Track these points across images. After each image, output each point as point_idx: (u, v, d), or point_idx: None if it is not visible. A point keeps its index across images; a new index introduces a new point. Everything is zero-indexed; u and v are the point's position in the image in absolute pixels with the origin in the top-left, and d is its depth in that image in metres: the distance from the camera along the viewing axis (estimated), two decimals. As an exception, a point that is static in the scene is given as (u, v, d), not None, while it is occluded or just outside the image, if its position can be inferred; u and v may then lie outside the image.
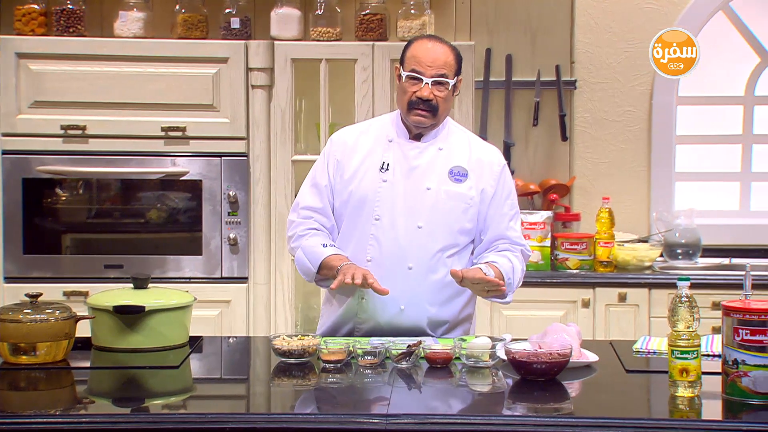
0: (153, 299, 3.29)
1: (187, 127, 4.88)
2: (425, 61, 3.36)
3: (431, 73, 3.35)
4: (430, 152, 3.45)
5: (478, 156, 3.49)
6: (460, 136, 3.53)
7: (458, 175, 3.44)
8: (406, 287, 3.38)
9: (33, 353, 3.07)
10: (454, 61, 3.40)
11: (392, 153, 3.45)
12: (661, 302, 4.83)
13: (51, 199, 4.96)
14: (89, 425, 2.58)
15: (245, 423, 2.60)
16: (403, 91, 3.40)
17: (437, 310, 3.43)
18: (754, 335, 2.63)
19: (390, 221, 3.40)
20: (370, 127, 3.56)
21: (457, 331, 3.49)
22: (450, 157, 3.45)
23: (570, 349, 2.93)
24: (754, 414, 2.60)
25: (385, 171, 3.43)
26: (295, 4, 5.06)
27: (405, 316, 3.40)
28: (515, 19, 5.40)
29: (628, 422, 2.55)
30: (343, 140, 3.52)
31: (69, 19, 4.97)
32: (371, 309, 3.42)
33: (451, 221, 3.41)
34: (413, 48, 3.40)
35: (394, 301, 3.38)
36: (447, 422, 2.58)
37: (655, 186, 5.42)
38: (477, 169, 3.47)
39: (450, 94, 3.41)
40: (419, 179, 3.42)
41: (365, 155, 3.47)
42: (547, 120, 5.39)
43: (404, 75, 3.39)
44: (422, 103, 3.36)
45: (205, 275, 4.92)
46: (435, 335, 3.42)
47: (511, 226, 3.49)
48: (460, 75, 3.44)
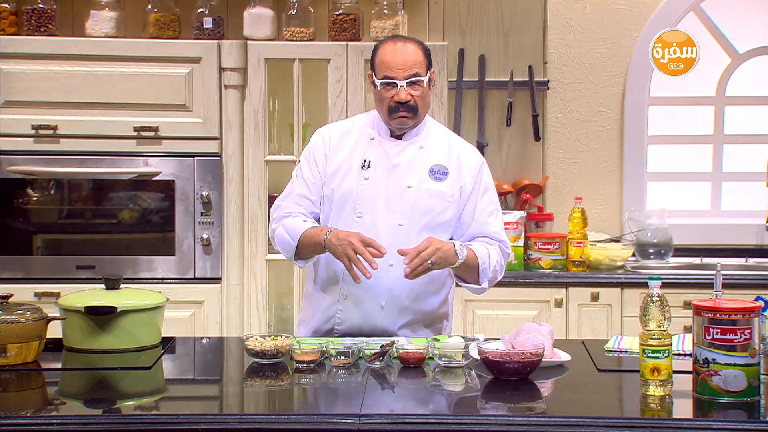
0: (125, 300, 3.28)
1: (159, 127, 4.86)
2: (396, 65, 3.37)
3: (404, 75, 3.37)
4: (411, 150, 3.47)
5: (458, 154, 3.52)
6: (440, 135, 3.55)
7: (438, 173, 3.47)
8: (387, 284, 3.40)
9: (3, 354, 3.05)
10: (423, 57, 3.41)
11: (374, 151, 3.47)
12: (633, 302, 4.85)
13: (22, 199, 4.92)
14: (60, 427, 2.57)
15: (218, 424, 2.59)
16: (380, 98, 3.42)
17: (417, 308, 3.45)
18: (724, 334, 2.65)
19: (371, 219, 3.43)
20: (353, 125, 3.57)
21: (434, 329, 3.52)
22: (430, 156, 3.48)
23: (542, 349, 2.94)
24: (724, 412, 2.61)
25: (366, 169, 3.45)
26: (268, 3, 5.05)
27: (385, 313, 3.43)
28: (488, 20, 5.41)
29: (600, 421, 2.56)
30: (329, 136, 3.54)
31: (40, 19, 4.93)
32: (352, 307, 3.44)
33: (431, 219, 3.44)
34: (381, 53, 3.42)
35: (374, 298, 3.41)
36: (420, 422, 2.58)
37: (627, 186, 5.44)
38: (456, 167, 3.49)
39: (426, 90, 3.43)
40: (400, 177, 3.45)
41: (348, 153, 3.49)
42: (520, 120, 5.40)
43: (378, 83, 3.40)
44: (401, 106, 3.38)
45: (178, 276, 4.90)
46: (414, 333, 3.44)
47: (490, 221, 3.51)
48: (432, 67, 3.46)
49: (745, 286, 4.72)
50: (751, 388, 2.65)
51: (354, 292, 3.42)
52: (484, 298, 4.88)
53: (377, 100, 3.46)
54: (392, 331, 3.43)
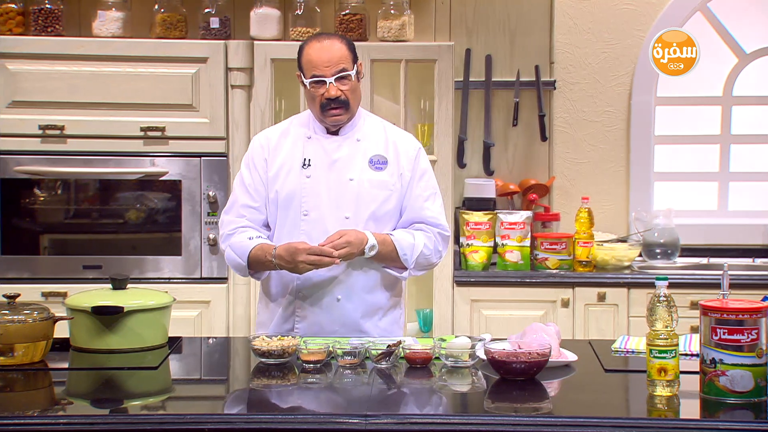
0: (132, 300, 3.28)
1: (166, 127, 4.87)
2: (321, 63, 3.44)
3: (331, 72, 3.44)
4: (349, 144, 3.56)
5: (395, 142, 3.60)
6: (376, 125, 3.64)
7: (378, 163, 3.55)
8: (340, 278, 3.49)
9: (10, 354, 3.06)
10: (348, 52, 3.49)
11: (312, 149, 3.55)
12: (639, 302, 4.84)
13: (29, 199, 4.93)
14: (67, 427, 2.57)
15: (224, 424, 2.59)
16: (311, 97, 3.50)
17: (372, 297, 3.54)
18: (731, 335, 2.64)
19: (318, 215, 3.50)
20: (290, 125, 3.65)
21: (390, 317, 3.60)
22: (368, 147, 3.57)
23: (549, 349, 2.94)
24: (731, 413, 2.61)
25: (307, 167, 3.53)
26: (274, 4, 5.05)
27: (342, 306, 3.51)
28: (495, 20, 5.40)
29: (606, 421, 2.56)
30: (267, 141, 3.61)
31: (47, 19, 4.94)
32: (309, 304, 3.51)
33: (376, 208, 3.52)
34: (306, 53, 3.49)
35: (330, 293, 3.50)
36: (426, 422, 2.58)
37: (634, 186, 5.44)
38: (394, 155, 3.57)
39: (356, 83, 3.51)
40: (341, 171, 3.52)
41: (287, 154, 3.56)
42: (527, 120, 5.40)
43: (307, 82, 3.47)
44: (332, 102, 3.46)
45: (185, 276, 4.91)
46: (371, 322, 3.53)
47: (427, 206, 3.57)
48: (359, 60, 3.53)
49: (753, 286, 4.71)
50: (759, 389, 2.65)
51: (309, 290, 3.50)
52: (490, 298, 4.91)
53: (309, 100, 3.53)
54: (354, 322, 3.50)
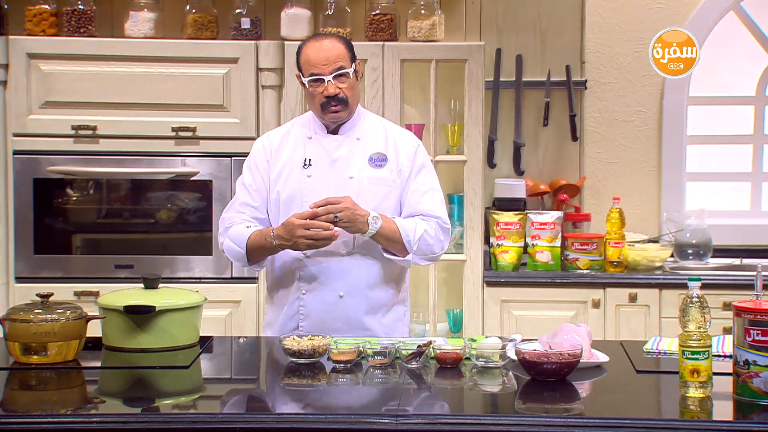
0: (163, 299, 3.30)
1: (197, 127, 4.89)
2: (320, 62, 3.48)
3: (329, 70, 3.48)
4: (349, 143, 3.59)
5: (394, 139, 3.63)
6: (375, 124, 3.67)
7: (378, 160, 3.59)
8: (343, 274, 3.52)
9: (44, 353, 3.08)
10: (346, 50, 3.53)
11: (313, 149, 3.59)
12: (671, 303, 4.82)
13: (61, 199, 4.97)
14: (100, 425, 2.59)
15: (255, 423, 2.60)
16: (311, 96, 3.54)
17: (374, 294, 3.56)
18: (765, 336, 2.62)
19: None
20: (291, 127, 3.69)
21: (394, 313, 3.61)
22: (368, 145, 3.60)
23: (580, 350, 2.93)
24: (765, 414, 2.59)
25: (308, 167, 3.57)
26: (305, 4, 5.06)
27: (345, 302, 3.53)
28: (525, 20, 5.39)
29: (638, 422, 2.55)
30: (269, 142, 3.65)
31: (80, 20, 4.97)
32: (312, 301, 3.54)
33: (376, 205, 3.53)
34: (305, 53, 3.53)
35: (333, 290, 3.52)
36: (457, 422, 2.58)
37: (666, 186, 5.41)
38: (394, 152, 3.61)
39: (354, 81, 3.54)
40: (342, 170, 3.56)
41: (289, 155, 3.60)
42: (557, 120, 5.38)
43: (306, 81, 3.51)
44: (332, 100, 3.50)
45: (215, 275, 4.93)
46: (374, 318, 3.54)
47: (423, 200, 3.59)
48: (357, 59, 3.57)
49: (786, 287, 4.66)
50: (792, 391, 2.63)
51: (312, 287, 3.54)
52: (521, 298, 4.90)
53: (309, 99, 3.57)
54: (358, 319, 3.52)
